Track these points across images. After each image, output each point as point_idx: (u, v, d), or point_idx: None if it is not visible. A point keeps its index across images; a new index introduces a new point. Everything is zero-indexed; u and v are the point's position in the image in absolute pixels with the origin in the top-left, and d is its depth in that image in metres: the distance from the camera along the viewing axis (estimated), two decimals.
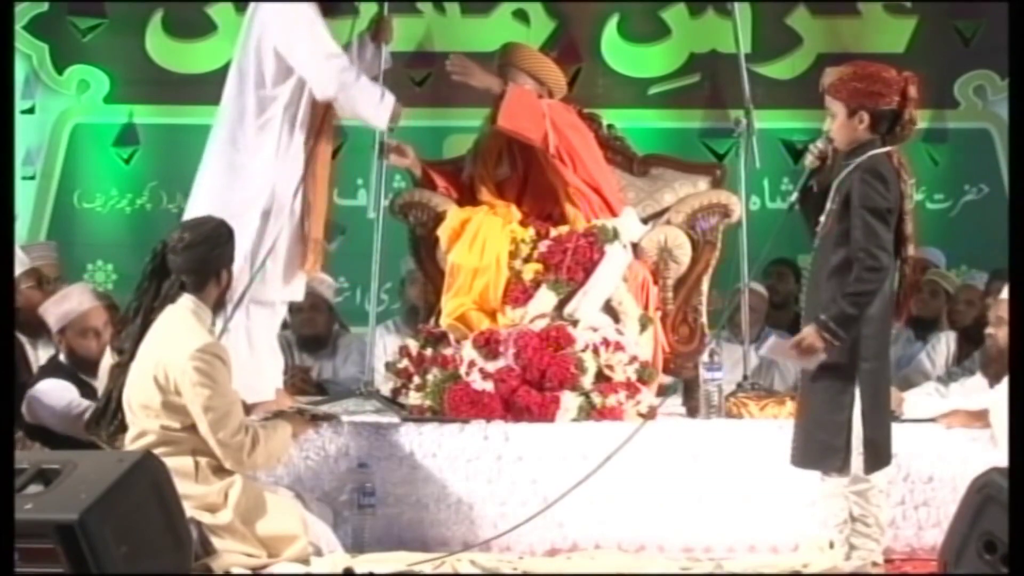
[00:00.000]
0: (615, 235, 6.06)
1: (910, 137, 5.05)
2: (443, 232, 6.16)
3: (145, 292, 5.09)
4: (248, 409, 5.37)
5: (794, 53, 8.48)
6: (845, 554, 5.05)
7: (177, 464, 4.83)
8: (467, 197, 6.38)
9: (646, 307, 6.10)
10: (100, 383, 5.40)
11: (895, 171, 4.98)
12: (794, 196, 5.16)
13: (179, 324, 4.99)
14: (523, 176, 6.35)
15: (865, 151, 4.98)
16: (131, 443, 5.00)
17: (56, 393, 5.68)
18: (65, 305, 5.82)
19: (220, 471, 5.00)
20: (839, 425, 4.95)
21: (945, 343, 6.77)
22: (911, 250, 5.03)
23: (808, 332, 4.91)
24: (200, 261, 5.03)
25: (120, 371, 5.07)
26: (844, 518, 5.04)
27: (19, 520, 4.23)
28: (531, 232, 6.12)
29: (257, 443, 4.98)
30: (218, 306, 5.17)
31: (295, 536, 5.03)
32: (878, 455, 4.99)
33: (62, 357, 5.83)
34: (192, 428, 4.96)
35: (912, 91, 5.03)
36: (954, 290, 7.23)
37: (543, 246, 6.09)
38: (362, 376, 6.28)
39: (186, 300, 5.03)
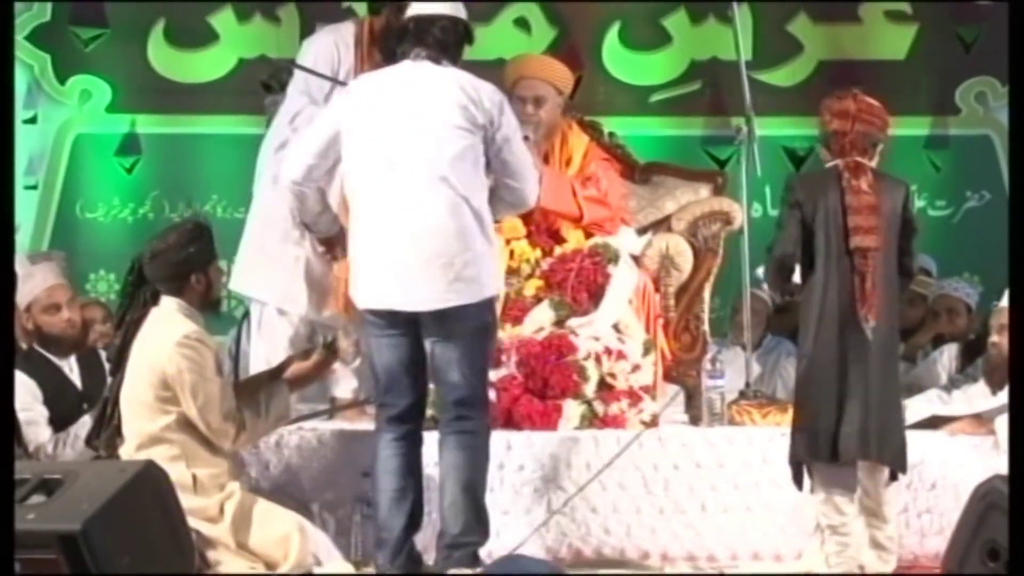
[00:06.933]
0: (617, 255, 6.05)
1: (838, 143, 5.25)
2: None
3: (127, 305, 5.18)
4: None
5: (795, 60, 8.48)
6: (824, 562, 5.11)
7: (175, 476, 4.84)
8: None
9: (648, 314, 6.10)
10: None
11: (836, 176, 5.21)
12: None
13: (164, 320, 5.08)
14: None
15: None
16: (128, 446, 5.04)
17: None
18: (30, 283, 5.85)
19: (218, 483, 5.04)
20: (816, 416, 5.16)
21: (947, 355, 6.76)
22: (853, 242, 5.15)
23: None
24: (169, 267, 5.10)
25: (113, 379, 5.16)
26: (814, 527, 5.17)
27: (21, 530, 4.23)
28: (537, 253, 6.12)
29: (243, 430, 5.05)
30: (205, 306, 5.17)
31: (292, 544, 5.03)
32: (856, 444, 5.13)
33: (22, 343, 5.83)
34: (185, 423, 5.00)
35: (827, 105, 5.32)
36: (931, 297, 7.21)
37: (546, 264, 6.08)
38: None
39: (169, 301, 5.11)
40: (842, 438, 5.12)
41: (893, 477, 5.27)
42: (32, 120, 8.33)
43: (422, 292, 5.03)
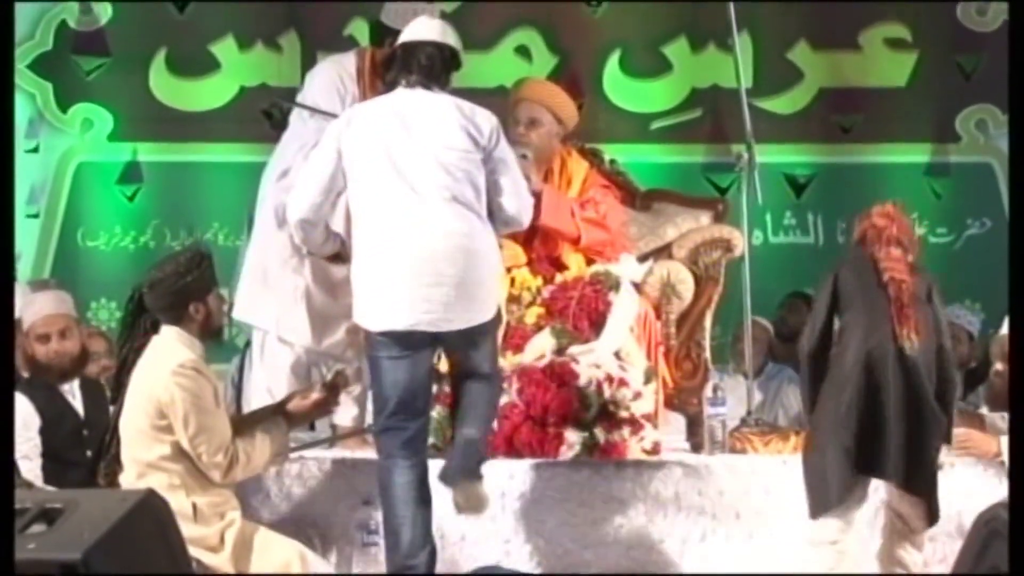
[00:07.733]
0: (618, 283, 6.05)
1: (876, 233, 5.47)
2: None
3: (128, 335, 5.17)
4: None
5: (795, 88, 8.50)
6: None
7: (175, 505, 4.82)
8: None
9: (649, 341, 6.10)
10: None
11: (866, 256, 5.47)
12: None
13: (162, 348, 5.06)
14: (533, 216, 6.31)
15: None
16: (127, 474, 5.04)
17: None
18: (29, 310, 5.87)
19: (219, 512, 5.02)
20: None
21: None
22: (887, 275, 5.34)
23: None
24: (167, 296, 5.07)
25: (114, 407, 5.17)
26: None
27: (22, 560, 4.21)
28: (538, 281, 6.12)
29: (235, 465, 5.00)
30: (206, 335, 5.13)
31: (293, 572, 5.02)
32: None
33: (23, 371, 5.84)
34: (181, 452, 4.98)
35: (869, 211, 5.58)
36: None
37: (547, 292, 6.08)
38: None
39: (169, 330, 5.08)
40: (863, 455, 5.22)
41: (931, 522, 5.34)
42: (34, 149, 8.35)
43: (446, 311, 5.07)
